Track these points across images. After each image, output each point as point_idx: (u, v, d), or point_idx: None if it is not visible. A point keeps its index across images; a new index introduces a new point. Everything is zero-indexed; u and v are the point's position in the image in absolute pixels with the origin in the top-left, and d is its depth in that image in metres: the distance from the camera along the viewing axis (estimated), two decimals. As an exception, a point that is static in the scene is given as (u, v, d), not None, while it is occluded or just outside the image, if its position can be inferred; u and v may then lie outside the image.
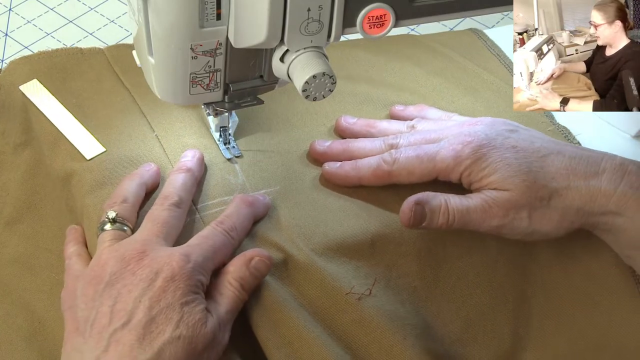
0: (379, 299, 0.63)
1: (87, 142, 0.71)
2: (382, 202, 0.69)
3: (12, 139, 0.75)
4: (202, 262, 0.59)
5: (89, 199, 0.66)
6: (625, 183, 0.64)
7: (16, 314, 0.66)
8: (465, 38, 0.91)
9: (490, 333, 0.66)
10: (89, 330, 0.56)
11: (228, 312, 0.59)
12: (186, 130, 0.73)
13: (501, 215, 0.64)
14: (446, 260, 0.67)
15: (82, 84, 0.76)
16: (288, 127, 0.75)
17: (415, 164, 0.67)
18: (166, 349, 0.54)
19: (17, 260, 0.69)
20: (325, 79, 0.57)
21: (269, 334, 0.60)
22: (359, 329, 0.61)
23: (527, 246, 0.68)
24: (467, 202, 0.65)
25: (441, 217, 0.64)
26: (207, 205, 0.67)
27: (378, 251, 0.65)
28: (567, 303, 0.68)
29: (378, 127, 0.74)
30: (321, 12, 0.56)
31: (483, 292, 0.67)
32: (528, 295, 0.68)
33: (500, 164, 0.65)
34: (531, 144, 0.67)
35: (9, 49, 0.93)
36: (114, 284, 0.57)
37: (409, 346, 0.60)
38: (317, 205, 0.68)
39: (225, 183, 0.69)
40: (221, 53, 0.60)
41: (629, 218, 0.63)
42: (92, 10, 0.99)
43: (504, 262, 0.68)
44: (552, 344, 0.67)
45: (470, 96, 0.81)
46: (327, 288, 0.62)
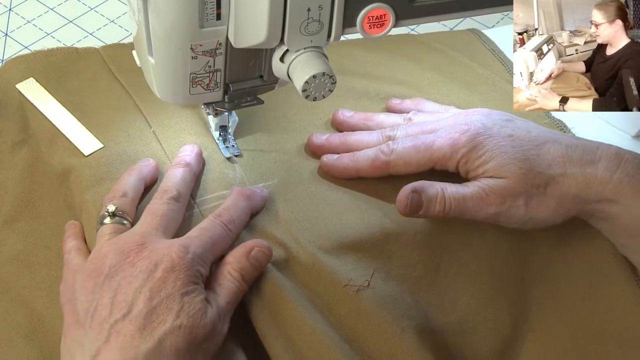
0: (378, 291, 0.63)
1: (85, 139, 0.71)
2: (380, 193, 0.69)
3: (9, 137, 0.75)
4: (201, 254, 0.59)
5: (88, 195, 0.67)
6: (621, 171, 0.64)
7: (16, 312, 0.66)
8: (460, 36, 0.92)
9: (491, 322, 0.66)
10: (89, 322, 0.56)
11: (228, 303, 0.59)
12: (186, 129, 0.73)
13: (498, 203, 0.64)
14: (447, 250, 0.67)
15: (79, 83, 0.77)
16: (285, 122, 0.75)
17: (413, 154, 0.67)
18: (167, 338, 0.54)
19: (16, 258, 0.69)
20: (325, 79, 0.57)
21: (268, 326, 0.60)
22: (357, 321, 0.61)
23: (527, 236, 0.69)
24: (463, 190, 0.65)
25: (437, 205, 0.64)
26: (205, 199, 0.67)
27: (378, 242, 0.66)
28: (567, 292, 0.68)
29: (375, 120, 0.75)
30: (321, 12, 0.56)
31: (484, 282, 0.67)
32: (528, 285, 0.68)
33: (497, 152, 0.65)
34: (527, 133, 0.67)
35: (9, 49, 0.93)
36: (114, 276, 0.57)
37: (407, 337, 0.60)
38: (315, 198, 0.68)
39: (224, 177, 0.69)
40: (221, 53, 0.60)
41: (624, 206, 0.64)
42: (92, 10, 0.99)
43: (504, 252, 0.68)
44: (552, 333, 0.67)
45: (466, 90, 0.82)
46: (325, 280, 0.62)
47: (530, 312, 0.68)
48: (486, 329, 0.66)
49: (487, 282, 0.67)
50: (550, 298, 0.68)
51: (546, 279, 0.69)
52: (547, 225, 0.66)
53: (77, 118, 0.73)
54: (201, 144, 0.71)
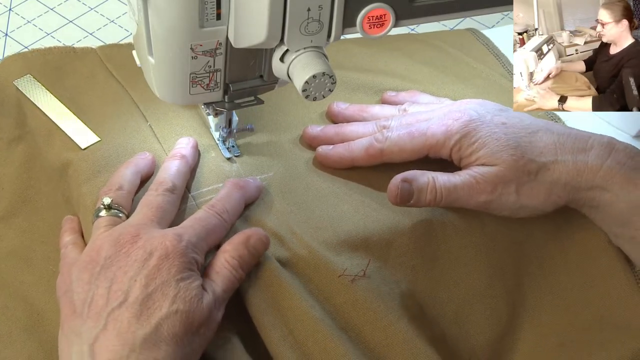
0: (374, 280, 0.63)
1: (82, 132, 0.72)
2: (376, 184, 0.69)
3: (6, 134, 0.75)
4: (195, 242, 0.59)
5: (85, 188, 0.67)
6: (612, 159, 0.64)
7: (14, 307, 0.66)
8: (456, 33, 0.93)
9: (487, 312, 0.66)
10: (86, 311, 0.56)
11: (224, 291, 0.59)
12: (184, 127, 0.73)
13: (489, 190, 0.64)
14: (445, 240, 0.67)
15: (76, 80, 0.77)
16: (281, 115, 0.76)
17: (407, 140, 0.67)
18: (164, 323, 0.54)
19: (14, 254, 0.70)
20: (325, 78, 0.57)
21: (265, 314, 0.60)
22: (352, 311, 0.61)
23: (524, 225, 0.69)
24: (454, 179, 0.65)
25: (429, 195, 0.65)
26: (201, 192, 0.67)
27: (374, 232, 0.66)
28: (563, 281, 0.68)
29: (370, 111, 0.75)
30: (321, 12, 0.56)
31: (480, 271, 0.67)
32: (525, 274, 0.69)
33: (489, 139, 0.65)
34: (520, 121, 0.67)
35: (9, 49, 0.93)
36: (110, 267, 0.57)
37: (403, 326, 0.60)
38: (311, 189, 0.69)
39: (220, 170, 0.69)
40: (221, 53, 0.60)
41: (615, 193, 0.64)
42: (92, 10, 0.99)
43: (501, 241, 0.68)
44: (548, 322, 0.67)
45: (461, 83, 0.82)
46: (321, 270, 0.62)
47: (526, 302, 0.68)
48: (482, 318, 0.66)
49: (484, 272, 0.67)
50: (547, 287, 0.69)
51: (542, 269, 0.69)
52: (538, 213, 0.66)
53: (74, 113, 0.73)
54: (201, 144, 0.71)
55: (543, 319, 0.67)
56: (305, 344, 0.59)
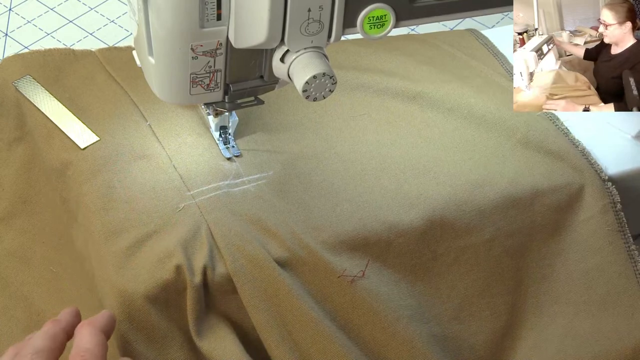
0: (373, 280, 0.63)
1: (81, 132, 0.72)
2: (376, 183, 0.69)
3: (6, 135, 0.75)
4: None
5: (85, 187, 0.67)
6: None
7: (15, 307, 0.66)
8: (455, 33, 0.93)
9: (487, 310, 0.67)
10: None
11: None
12: (185, 129, 0.73)
13: None
14: (444, 239, 0.67)
15: (75, 80, 0.77)
16: (280, 115, 0.75)
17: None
18: None
19: (14, 254, 0.70)
20: (325, 79, 0.57)
21: (264, 315, 0.60)
22: (352, 311, 0.61)
23: (523, 225, 0.69)
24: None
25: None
26: (202, 190, 0.67)
27: (373, 233, 0.66)
28: (563, 280, 0.69)
29: None
30: (321, 12, 0.56)
31: (480, 270, 0.67)
32: (524, 273, 0.69)
33: None
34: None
35: (9, 49, 0.93)
36: None
37: (402, 326, 0.61)
38: (311, 189, 0.69)
39: (219, 168, 0.69)
40: (221, 53, 0.60)
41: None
42: (92, 10, 1.00)
43: (501, 239, 0.68)
44: (549, 320, 0.67)
45: (460, 81, 0.82)
46: (320, 271, 0.62)
47: (526, 301, 0.68)
48: (482, 317, 0.66)
49: (484, 271, 0.67)
50: (547, 284, 0.69)
51: (542, 268, 0.69)
52: None
53: (74, 113, 0.73)
54: (201, 144, 0.71)
55: (543, 315, 0.68)
56: (304, 345, 0.59)
